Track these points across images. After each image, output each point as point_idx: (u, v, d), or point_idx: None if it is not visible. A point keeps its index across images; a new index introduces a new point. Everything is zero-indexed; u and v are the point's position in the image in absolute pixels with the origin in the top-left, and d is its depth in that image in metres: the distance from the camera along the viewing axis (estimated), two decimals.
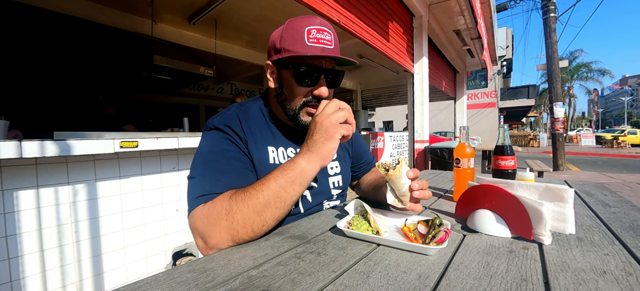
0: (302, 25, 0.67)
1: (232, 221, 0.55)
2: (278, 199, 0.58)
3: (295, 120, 0.73)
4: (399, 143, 5.40)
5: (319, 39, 0.66)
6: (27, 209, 1.28)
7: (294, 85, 0.70)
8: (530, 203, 0.56)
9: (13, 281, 1.24)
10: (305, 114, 0.72)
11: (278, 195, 0.58)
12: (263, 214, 0.57)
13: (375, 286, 0.41)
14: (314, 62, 0.68)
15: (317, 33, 0.66)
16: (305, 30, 0.66)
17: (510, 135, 3.65)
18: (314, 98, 0.70)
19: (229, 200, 0.57)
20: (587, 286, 0.40)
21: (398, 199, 0.68)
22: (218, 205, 0.57)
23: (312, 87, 0.70)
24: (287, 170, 0.59)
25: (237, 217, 0.55)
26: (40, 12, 2.93)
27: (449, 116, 9.66)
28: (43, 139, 1.21)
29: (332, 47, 0.68)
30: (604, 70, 30.25)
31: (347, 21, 2.60)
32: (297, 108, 0.71)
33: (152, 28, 3.53)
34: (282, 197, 0.58)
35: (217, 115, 0.74)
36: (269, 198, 0.57)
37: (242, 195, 0.57)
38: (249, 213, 0.56)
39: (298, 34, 0.67)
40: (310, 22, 0.68)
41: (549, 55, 6.98)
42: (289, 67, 0.69)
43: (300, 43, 0.66)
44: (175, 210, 1.83)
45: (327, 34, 0.68)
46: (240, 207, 0.56)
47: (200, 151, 0.69)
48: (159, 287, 0.41)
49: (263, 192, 0.57)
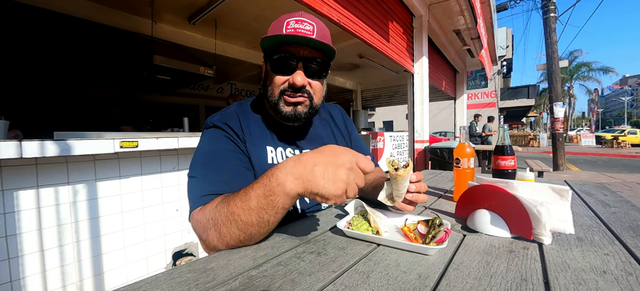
0: (284, 18, 0.68)
1: (220, 234, 0.54)
2: (257, 217, 0.52)
3: (276, 111, 0.72)
4: (399, 143, 5.39)
5: (296, 29, 0.66)
6: (27, 209, 1.28)
7: (271, 74, 0.71)
8: (530, 204, 0.56)
9: (13, 281, 1.24)
10: (283, 104, 0.71)
11: (257, 214, 0.51)
12: (245, 231, 0.53)
13: (375, 286, 0.41)
14: (289, 49, 0.68)
15: (295, 23, 0.67)
16: (285, 21, 0.67)
17: (510, 135, 3.65)
18: (289, 87, 0.70)
19: (216, 210, 0.55)
20: (587, 286, 0.40)
21: (390, 199, 0.68)
22: (207, 214, 0.56)
23: (288, 75, 0.69)
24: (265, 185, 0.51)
25: (223, 231, 0.53)
26: (40, 12, 2.93)
27: (449, 116, 9.65)
28: (43, 139, 1.21)
29: (312, 36, 0.67)
30: (607, 69, 30.15)
31: (347, 21, 2.60)
32: (276, 98, 0.71)
33: (152, 28, 3.52)
34: (260, 217, 0.52)
35: (216, 113, 0.75)
36: (250, 218, 0.52)
37: (225, 209, 0.54)
38: (232, 229, 0.53)
39: (278, 25, 0.68)
40: (292, 15, 0.68)
41: (549, 55, 6.97)
42: (267, 58, 0.71)
43: (277, 31, 0.67)
44: (175, 210, 1.83)
45: (306, 25, 0.67)
46: (224, 222, 0.53)
47: (200, 149, 0.69)
48: (159, 287, 0.41)
49: (244, 209, 0.52)
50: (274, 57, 0.68)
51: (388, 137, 5.05)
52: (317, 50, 0.70)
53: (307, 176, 0.48)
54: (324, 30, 0.71)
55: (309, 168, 0.49)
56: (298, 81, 0.68)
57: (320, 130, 0.88)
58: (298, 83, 0.68)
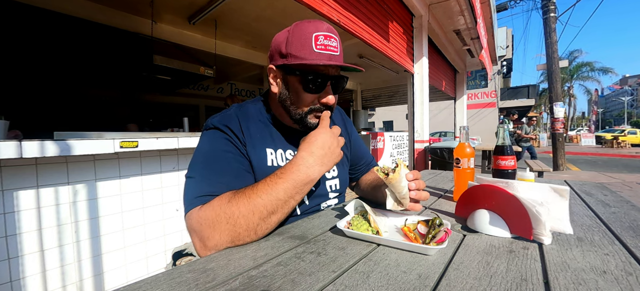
0: (310, 31, 0.66)
1: (235, 226, 0.55)
2: (285, 205, 0.59)
3: (302, 123, 0.73)
4: (399, 143, 5.39)
5: (327, 46, 0.66)
6: (27, 209, 1.28)
7: (301, 91, 0.70)
8: (530, 204, 0.56)
9: (13, 281, 1.24)
10: (313, 117, 0.73)
11: (285, 202, 0.59)
12: (268, 220, 0.58)
13: (375, 286, 0.41)
14: (321, 69, 0.68)
15: (324, 39, 0.66)
16: (312, 36, 0.66)
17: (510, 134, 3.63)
18: (321, 104, 0.72)
19: (229, 204, 0.56)
20: (587, 286, 0.40)
21: (398, 202, 0.68)
22: (216, 208, 0.56)
23: (318, 93, 0.71)
24: (292, 175, 0.61)
25: (241, 222, 0.55)
26: (40, 12, 2.93)
27: (449, 116, 9.65)
28: (43, 139, 1.21)
29: (337, 53, 0.68)
30: (607, 69, 30.19)
31: (347, 21, 2.60)
32: (304, 113, 0.72)
33: (152, 28, 3.52)
34: (288, 204, 0.60)
35: (216, 114, 0.74)
36: (276, 205, 0.58)
37: (245, 200, 0.57)
38: (254, 219, 0.56)
39: (305, 40, 0.66)
40: (317, 27, 0.67)
41: (549, 55, 6.97)
42: (295, 74, 0.69)
43: (308, 50, 0.66)
44: (175, 210, 1.83)
45: (333, 41, 0.68)
46: (243, 212, 0.56)
47: (199, 150, 0.69)
48: (158, 287, 0.41)
49: (269, 197, 0.58)
50: (309, 77, 0.68)
51: (388, 137, 5.05)
52: (343, 69, 0.73)
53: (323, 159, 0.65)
54: (340, 40, 0.72)
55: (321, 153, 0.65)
56: (331, 101, 0.72)
57: None
58: (331, 103, 0.72)
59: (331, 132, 0.68)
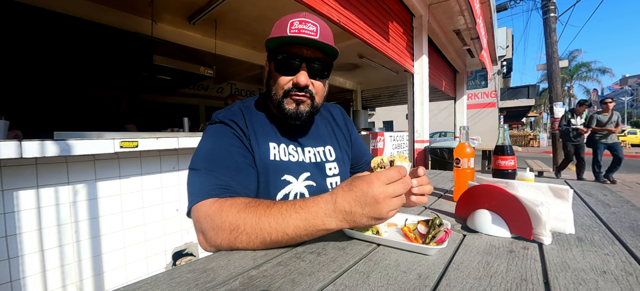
0: (288, 19, 0.69)
1: (235, 240, 0.54)
2: (291, 241, 0.54)
3: (280, 109, 0.73)
4: (399, 143, 5.39)
5: (300, 29, 0.67)
6: (27, 209, 1.28)
7: (275, 74, 0.72)
8: (529, 203, 0.56)
9: (13, 281, 1.24)
10: (289, 102, 0.72)
11: (291, 238, 0.53)
12: (269, 245, 0.54)
13: (375, 286, 0.41)
14: (293, 50, 0.69)
15: (299, 24, 0.68)
16: (289, 22, 0.68)
17: (510, 135, 3.60)
18: (294, 86, 0.71)
19: (238, 215, 0.54)
20: (587, 286, 0.40)
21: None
22: (224, 214, 0.55)
23: (292, 75, 0.71)
24: (308, 214, 0.52)
25: (242, 238, 0.53)
26: (40, 12, 2.93)
27: (449, 116, 9.66)
28: (43, 139, 1.21)
29: (315, 37, 0.68)
30: (605, 69, 30.19)
31: (347, 21, 2.59)
32: (280, 97, 0.72)
33: (152, 28, 3.52)
34: (294, 240, 0.54)
35: (222, 109, 0.76)
36: (282, 238, 0.53)
37: (254, 218, 0.53)
38: (255, 241, 0.53)
39: (282, 25, 0.69)
40: (296, 15, 0.69)
41: (549, 55, 6.98)
42: (271, 58, 0.72)
43: (281, 32, 0.68)
44: (175, 210, 1.83)
45: (310, 25, 0.68)
46: (248, 230, 0.53)
47: (205, 143, 0.69)
48: (158, 287, 0.41)
49: (277, 225, 0.53)
50: (278, 58, 0.70)
51: (388, 137, 5.05)
52: (320, 50, 0.72)
53: (349, 218, 0.50)
54: (327, 31, 0.72)
55: (353, 209, 0.50)
56: (302, 81, 0.70)
57: (322, 128, 0.89)
58: (301, 83, 0.70)
59: (387, 187, 0.49)
